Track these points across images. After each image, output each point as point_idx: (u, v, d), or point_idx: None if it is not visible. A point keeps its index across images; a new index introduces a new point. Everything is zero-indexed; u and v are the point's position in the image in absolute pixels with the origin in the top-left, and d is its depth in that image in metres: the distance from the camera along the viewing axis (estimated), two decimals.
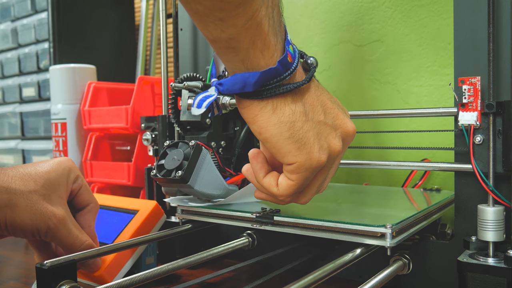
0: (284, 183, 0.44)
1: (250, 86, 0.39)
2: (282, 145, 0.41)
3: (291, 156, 0.41)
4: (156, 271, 0.47)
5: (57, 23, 1.14)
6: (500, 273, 0.46)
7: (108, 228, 0.63)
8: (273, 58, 0.39)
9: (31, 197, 0.48)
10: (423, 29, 0.79)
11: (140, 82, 0.89)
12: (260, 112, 0.41)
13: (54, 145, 0.98)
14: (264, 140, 0.42)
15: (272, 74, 0.39)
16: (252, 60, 0.39)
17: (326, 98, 0.44)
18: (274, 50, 0.39)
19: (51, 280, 0.42)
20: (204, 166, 0.56)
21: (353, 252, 0.45)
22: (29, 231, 0.48)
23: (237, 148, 0.65)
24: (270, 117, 0.41)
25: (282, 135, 0.41)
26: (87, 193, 0.55)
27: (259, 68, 0.39)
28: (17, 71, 1.24)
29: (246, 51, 0.38)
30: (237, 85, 0.40)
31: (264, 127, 0.41)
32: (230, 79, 0.40)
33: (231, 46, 0.38)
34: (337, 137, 0.44)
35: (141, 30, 1.32)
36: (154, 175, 0.56)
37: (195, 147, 0.55)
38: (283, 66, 0.40)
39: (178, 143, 0.58)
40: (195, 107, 0.42)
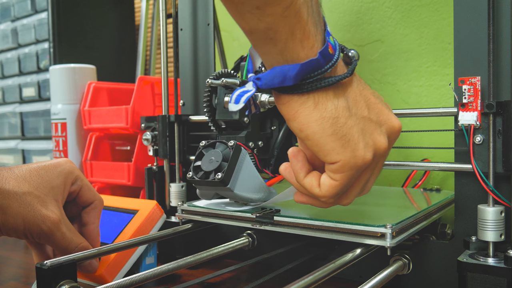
0: (326, 183, 0.41)
1: (290, 79, 0.37)
2: (325, 142, 0.39)
3: (334, 154, 0.39)
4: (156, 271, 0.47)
5: (57, 23, 1.14)
6: (500, 273, 0.46)
7: (108, 228, 0.63)
8: (313, 49, 0.37)
9: (25, 199, 0.47)
10: (423, 29, 0.79)
11: (140, 82, 0.89)
12: (301, 108, 0.39)
13: (54, 145, 0.98)
14: (305, 137, 0.39)
15: (313, 66, 0.37)
16: (291, 51, 0.37)
17: (369, 93, 0.42)
18: (314, 40, 0.37)
19: (51, 280, 0.42)
20: (243, 168, 0.53)
21: (353, 252, 0.45)
22: (22, 233, 0.48)
23: (276, 149, 0.62)
24: (311, 113, 0.38)
25: (325, 131, 0.38)
26: (89, 191, 0.55)
27: (299, 60, 0.37)
28: (17, 71, 1.24)
29: (284, 41, 0.36)
30: (276, 79, 0.38)
31: (306, 123, 0.39)
32: (268, 73, 0.38)
33: (269, 36, 0.36)
34: (382, 134, 0.41)
35: (141, 30, 1.32)
36: (191, 177, 0.54)
37: (235, 148, 0.53)
38: (324, 58, 0.38)
39: (215, 143, 0.55)
40: (233, 103, 0.40)
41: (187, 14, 0.79)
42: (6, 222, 0.47)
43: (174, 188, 0.74)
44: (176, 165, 0.75)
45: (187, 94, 0.79)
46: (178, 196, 0.74)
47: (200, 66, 0.78)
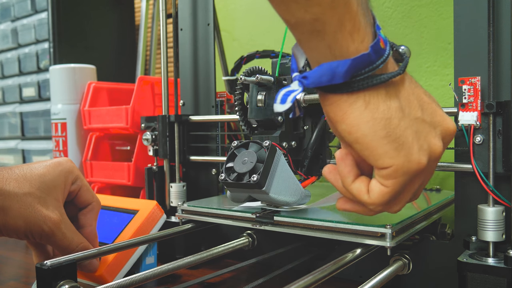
0: (376, 189, 0.38)
1: (339, 77, 0.34)
2: (377, 145, 0.36)
3: (387, 159, 0.36)
4: (156, 271, 0.47)
5: (57, 23, 1.14)
6: (500, 273, 0.46)
7: (108, 228, 0.63)
8: (364, 43, 0.35)
9: (25, 199, 0.47)
10: (423, 29, 0.79)
11: (140, 82, 0.89)
12: (350, 108, 0.36)
13: (54, 145, 0.98)
14: (355, 141, 0.37)
15: (364, 62, 0.35)
16: (340, 45, 0.34)
17: (421, 92, 0.39)
18: (365, 33, 0.35)
19: (51, 280, 0.42)
20: (278, 170, 0.51)
21: (353, 252, 0.45)
22: (23, 234, 0.48)
23: (310, 150, 0.59)
24: (362, 114, 0.36)
25: (376, 134, 0.36)
26: (88, 193, 0.54)
27: (348, 55, 0.35)
28: (17, 71, 1.24)
29: (333, 34, 0.34)
30: (324, 77, 0.35)
31: (355, 125, 0.36)
32: (316, 71, 0.35)
33: (316, 29, 0.34)
34: (437, 136, 0.39)
35: (141, 30, 1.32)
36: (224, 179, 0.52)
37: (270, 148, 0.51)
38: (376, 53, 0.35)
39: (248, 143, 0.53)
40: (279, 103, 0.37)
41: (187, 14, 0.79)
42: (6, 224, 0.46)
43: (174, 188, 0.74)
44: (176, 165, 0.75)
45: (187, 94, 0.79)
46: (178, 196, 0.74)
47: (200, 66, 0.78)
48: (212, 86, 0.77)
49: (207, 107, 0.77)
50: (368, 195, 0.39)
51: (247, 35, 1.07)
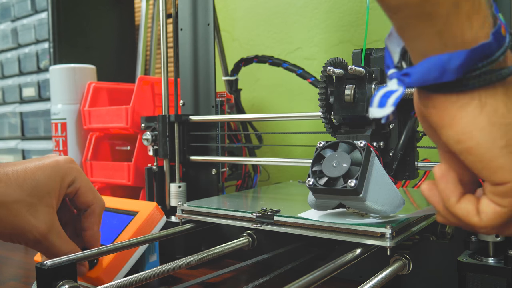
0: (490, 210, 0.31)
1: (451, 72, 0.28)
2: (494, 157, 0.29)
3: (505, 173, 0.30)
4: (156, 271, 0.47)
5: (57, 23, 1.14)
6: (500, 273, 0.46)
7: (107, 230, 0.63)
8: (484, 29, 0.28)
9: (14, 207, 0.46)
10: None
11: (140, 82, 0.89)
12: (461, 112, 0.30)
13: (54, 145, 0.98)
14: (466, 151, 0.30)
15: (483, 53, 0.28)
16: (454, 31, 0.28)
17: None
18: (485, 16, 0.28)
19: (51, 280, 0.42)
20: (374, 174, 0.46)
21: (353, 252, 0.45)
22: (8, 239, 0.47)
23: (399, 151, 0.53)
24: (476, 118, 0.29)
25: (494, 143, 0.29)
26: (88, 194, 0.53)
27: (463, 44, 0.28)
28: (17, 71, 1.24)
29: (446, 18, 0.28)
30: (432, 73, 0.29)
31: (467, 132, 0.30)
32: (421, 66, 0.29)
33: (425, 11, 0.28)
34: None
35: (141, 30, 1.32)
36: (313, 184, 0.46)
37: (367, 150, 0.45)
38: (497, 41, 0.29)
39: (336, 143, 0.48)
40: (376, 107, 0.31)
41: (187, 14, 0.79)
42: None
43: (174, 188, 0.74)
44: (176, 165, 0.75)
45: (187, 94, 0.79)
46: (178, 196, 0.74)
47: (200, 66, 0.78)
48: (212, 86, 0.77)
49: (207, 107, 0.77)
50: (479, 217, 0.32)
51: (247, 35, 1.07)
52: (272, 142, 1.00)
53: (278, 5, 1.00)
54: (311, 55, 0.94)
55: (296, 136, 0.96)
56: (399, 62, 0.34)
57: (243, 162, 0.80)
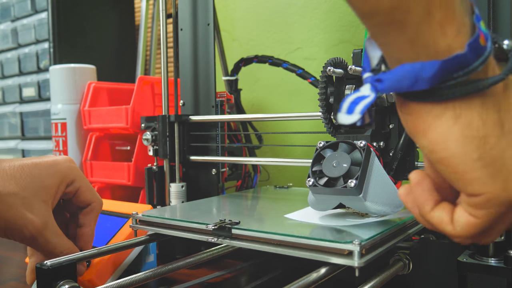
0: (463, 220, 0.31)
1: (424, 81, 0.28)
2: (467, 169, 0.29)
3: (479, 185, 0.29)
4: (156, 271, 0.47)
5: (57, 23, 1.14)
6: (500, 273, 0.46)
7: (101, 232, 0.62)
8: (459, 38, 0.27)
9: (9, 200, 0.45)
10: None
11: (140, 82, 0.89)
12: (435, 121, 0.29)
13: (54, 145, 0.98)
14: (439, 161, 0.30)
15: (458, 64, 0.27)
16: (426, 39, 0.27)
17: None
18: (460, 24, 0.27)
19: (51, 280, 0.42)
20: (374, 174, 0.46)
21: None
22: (3, 234, 0.46)
23: (399, 151, 0.53)
24: (450, 129, 0.29)
25: (468, 155, 0.29)
26: (88, 193, 0.53)
27: (437, 53, 0.27)
28: (17, 71, 1.24)
29: (417, 25, 0.27)
30: (404, 81, 0.28)
31: (441, 143, 0.29)
32: (394, 73, 0.29)
33: (395, 19, 0.27)
34: None
35: (141, 30, 1.32)
36: (313, 184, 0.46)
37: (367, 150, 0.45)
38: (473, 52, 0.27)
39: (336, 143, 0.48)
40: (344, 113, 0.30)
41: (187, 14, 0.79)
42: None
43: (174, 188, 0.74)
44: (176, 165, 0.75)
45: (187, 94, 0.79)
46: (178, 196, 0.74)
47: (200, 66, 0.78)
48: (212, 86, 0.77)
49: (207, 107, 0.77)
50: (453, 226, 0.32)
51: (247, 35, 1.07)
52: (272, 142, 1.00)
53: (278, 5, 1.00)
54: (311, 55, 0.94)
55: (296, 136, 0.96)
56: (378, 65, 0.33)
57: (243, 162, 0.80)
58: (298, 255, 0.40)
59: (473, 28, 0.28)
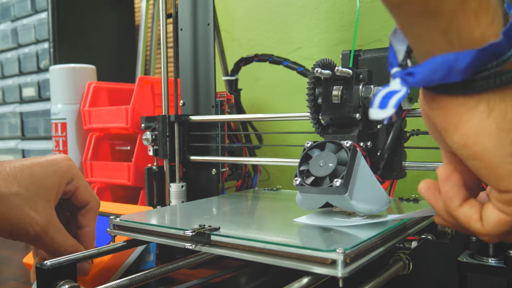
0: (493, 217, 0.31)
1: (458, 73, 0.27)
2: (501, 164, 0.28)
3: None
4: (156, 271, 0.47)
5: (57, 23, 1.14)
6: (500, 273, 0.46)
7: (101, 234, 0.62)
8: (493, 27, 0.27)
9: (12, 200, 0.45)
10: None
11: (140, 82, 0.89)
12: (468, 115, 0.28)
13: (54, 145, 0.98)
14: (472, 155, 0.29)
15: (493, 53, 0.27)
16: (460, 29, 0.26)
17: None
18: (494, 12, 0.27)
19: (51, 280, 0.42)
20: (360, 173, 0.46)
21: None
22: (9, 236, 0.46)
23: (386, 151, 0.54)
24: (483, 122, 0.28)
25: (502, 149, 0.28)
26: (86, 192, 0.53)
27: (471, 42, 0.27)
28: (17, 71, 1.24)
29: (451, 14, 0.26)
30: (437, 73, 0.27)
31: (474, 136, 0.28)
32: (426, 65, 0.28)
33: (429, 8, 0.26)
34: None
35: (141, 30, 1.32)
36: (300, 184, 0.47)
37: (353, 150, 0.46)
38: (508, 40, 0.27)
39: (323, 143, 0.49)
40: (376, 108, 0.30)
41: (187, 14, 0.79)
42: None
43: (174, 188, 0.74)
44: (176, 165, 0.75)
45: (187, 94, 0.79)
46: (178, 196, 0.74)
47: (200, 66, 0.78)
48: (212, 86, 0.77)
49: (207, 107, 0.77)
50: (481, 224, 0.31)
51: (247, 35, 1.07)
52: (272, 142, 1.00)
53: (278, 5, 1.00)
54: (311, 55, 0.94)
55: (296, 136, 0.96)
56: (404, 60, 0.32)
57: (243, 162, 0.80)
58: (279, 264, 0.39)
59: (506, 17, 0.28)
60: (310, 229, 0.46)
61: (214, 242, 0.43)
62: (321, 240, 0.42)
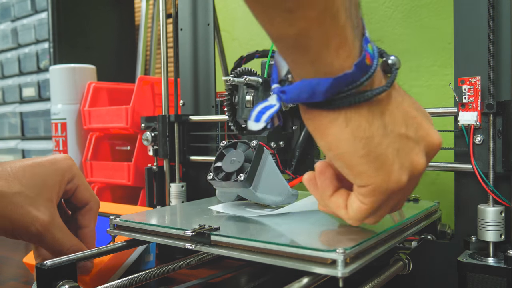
0: (354, 206, 0.38)
1: (319, 95, 0.33)
2: (356, 164, 0.35)
3: (365, 177, 0.36)
4: (156, 271, 0.47)
5: (57, 23, 1.14)
6: (500, 273, 0.46)
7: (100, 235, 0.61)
8: (349, 59, 0.33)
9: (14, 199, 0.45)
10: (423, 29, 0.79)
11: (140, 82, 0.89)
12: (330, 125, 0.34)
13: (54, 145, 0.98)
14: (334, 158, 0.36)
15: (347, 81, 0.33)
16: (324, 61, 0.33)
17: (408, 105, 0.38)
18: (352, 48, 0.33)
19: (51, 280, 0.42)
20: (266, 169, 0.51)
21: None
22: (10, 235, 0.46)
23: (297, 150, 0.59)
24: (342, 131, 0.34)
25: (356, 152, 0.35)
26: (86, 192, 0.53)
27: (332, 71, 0.33)
28: (17, 71, 1.24)
29: (317, 49, 0.32)
30: (303, 94, 0.33)
31: (335, 143, 0.35)
32: (295, 86, 0.34)
33: (300, 44, 0.32)
34: (420, 152, 0.37)
35: (141, 30, 1.32)
36: (212, 178, 0.52)
37: (258, 148, 0.51)
38: (360, 70, 0.33)
39: (236, 143, 0.54)
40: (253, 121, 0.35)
41: (187, 14, 0.79)
42: None
43: (174, 188, 0.74)
44: (176, 165, 0.75)
45: (187, 94, 0.79)
46: (178, 196, 0.74)
47: (200, 66, 0.78)
48: (212, 86, 0.77)
49: (207, 107, 0.77)
50: (346, 211, 0.39)
51: (247, 35, 1.06)
52: None
53: None
54: None
55: None
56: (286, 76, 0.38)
57: None
58: (279, 264, 0.39)
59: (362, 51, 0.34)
60: (310, 229, 0.46)
61: (214, 242, 0.43)
62: (321, 240, 0.42)
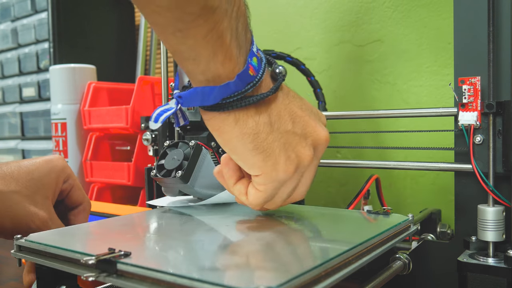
0: (252, 192, 0.44)
1: (209, 100, 0.39)
2: (247, 157, 0.41)
3: (256, 168, 0.41)
4: None
5: (57, 23, 1.14)
6: (500, 273, 0.46)
7: None
8: (234, 71, 0.38)
9: (12, 197, 0.46)
10: (423, 29, 0.79)
11: (140, 82, 0.89)
12: (223, 124, 0.40)
13: (54, 145, 0.98)
14: (230, 152, 0.42)
15: (230, 89, 0.38)
16: (212, 71, 0.38)
17: (295, 106, 0.43)
18: (236, 62, 0.38)
19: (51, 280, 0.41)
20: (204, 166, 0.56)
21: None
22: (9, 234, 0.46)
23: None
24: (232, 129, 0.40)
25: (245, 147, 0.40)
26: (79, 192, 0.54)
27: (220, 80, 0.38)
28: (17, 71, 1.24)
29: (206, 63, 0.37)
30: (195, 99, 0.39)
31: (228, 139, 0.41)
32: (189, 93, 0.39)
33: (191, 57, 0.37)
34: (307, 146, 0.43)
35: (141, 30, 1.32)
36: (154, 175, 0.56)
37: (195, 147, 0.56)
38: (242, 80, 0.39)
39: (178, 143, 0.58)
40: (152, 121, 0.41)
41: None
42: None
43: None
44: None
45: None
46: None
47: None
48: None
49: None
50: (246, 197, 0.45)
51: None
52: None
53: (278, 5, 1.00)
54: (311, 55, 0.94)
55: None
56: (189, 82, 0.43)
57: None
58: None
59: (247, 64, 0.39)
60: (241, 252, 0.39)
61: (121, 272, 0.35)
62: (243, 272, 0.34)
